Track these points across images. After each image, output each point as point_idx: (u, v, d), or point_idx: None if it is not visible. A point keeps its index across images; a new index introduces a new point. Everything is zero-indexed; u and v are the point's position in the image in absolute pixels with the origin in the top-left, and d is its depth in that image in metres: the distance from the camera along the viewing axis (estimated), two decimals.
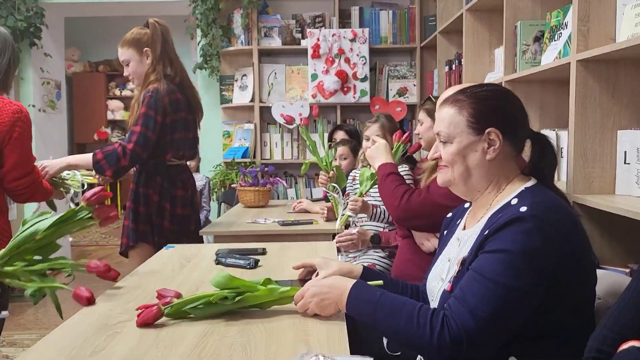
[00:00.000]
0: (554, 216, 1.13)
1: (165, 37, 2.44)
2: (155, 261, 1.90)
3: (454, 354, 1.08)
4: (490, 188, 1.27)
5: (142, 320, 1.23)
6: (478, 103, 1.25)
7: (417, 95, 4.38)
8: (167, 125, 2.38)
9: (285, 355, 1.07)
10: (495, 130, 1.23)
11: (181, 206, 2.46)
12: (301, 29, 4.42)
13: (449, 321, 1.09)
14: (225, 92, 4.50)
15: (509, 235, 1.11)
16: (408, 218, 1.96)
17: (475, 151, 1.25)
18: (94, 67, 7.95)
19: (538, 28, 2.26)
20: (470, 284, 1.12)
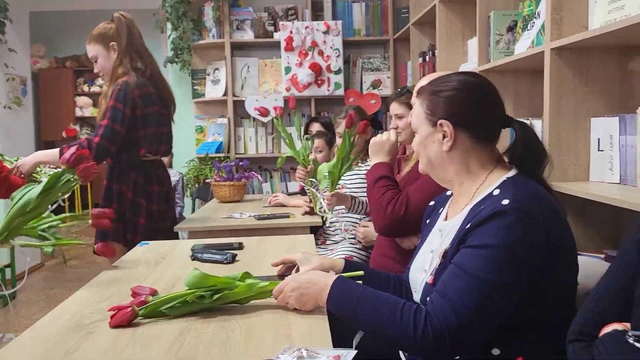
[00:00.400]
0: (536, 208, 1.12)
1: (131, 30, 2.40)
2: (129, 259, 1.85)
3: (437, 350, 1.08)
4: (462, 177, 1.26)
5: (115, 323, 1.19)
6: (433, 95, 1.27)
7: (391, 87, 4.38)
8: (138, 119, 2.33)
9: (267, 350, 1.04)
10: (446, 122, 1.23)
11: (157, 202, 2.42)
12: (274, 22, 4.38)
13: (431, 318, 1.08)
14: (197, 86, 4.43)
15: (491, 230, 1.10)
16: (392, 231, 1.93)
17: (433, 142, 1.27)
18: (61, 63, 7.75)
19: (511, 18, 2.27)
20: (452, 279, 1.11)
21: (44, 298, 4.07)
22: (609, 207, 1.43)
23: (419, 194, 1.83)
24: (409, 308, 1.12)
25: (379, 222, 1.92)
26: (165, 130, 2.48)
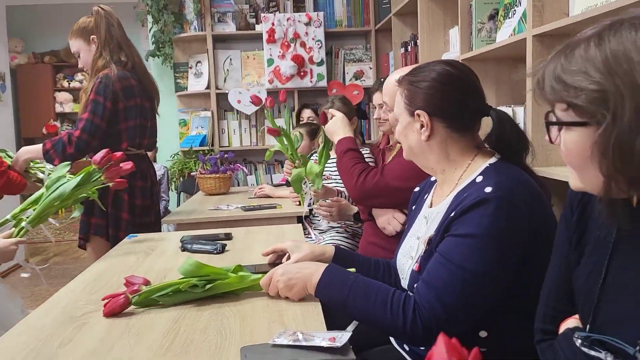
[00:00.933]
0: (518, 195, 1.14)
1: (110, 22, 2.37)
2: (118, 251, 1.84)
3: (425, 340, 1.11)
4: (443, 165, 1.28)
5: (109, 310, 1.19)
6: (410, 85, 1.29)
7: (373, 78, 4.39)
8: (120, 112, 2.31)
9: (261, 335, 1.05)
10: (422, 112, 1.26)
11: (141, 197, 2.40)
12: (255, 14, 4.36)
13: (419, 308, 1.11)
14: (179, 79, 4.40)
15: (475, 219, 1.12)
16: (364, 198, 1.97)
17: (413, 131, 1.29)
18: (39, 58, 7.63)
19: (492, 6, 2.29)
20: (438, 269, 1.13)
21: (29, 295, 4.03)
22: None
23: (396, 166, 1.87)
24: (399, 298, 1.14)
25: (352, 190, 1.96)
26: (148, 123, 2.46)
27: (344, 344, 0.93)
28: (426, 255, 1.22)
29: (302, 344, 0.94)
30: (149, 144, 2.50)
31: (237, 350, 0.98)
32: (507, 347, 1.18)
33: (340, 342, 0.92)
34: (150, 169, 2.51)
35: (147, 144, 2.48)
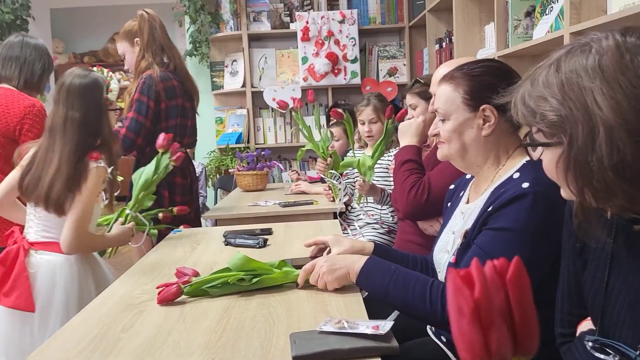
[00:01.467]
0: (556, 190, 1.16)
1: (153, 25, 2.45)
2: (165, 245, 1.93)
3: None
4: (489, 162, 1.30)
5: (162, 298, 1.28)
6: (472, 80, 1.27)
7: (407, 74, 4.41)
8: (162, 111, 2.40)
9: (307, 323, 1.11)
10: (489, 106, 1.25)
11: (180, 194, 2.48)
12: (290, 13, 4.43)
13: None
14: (216, 78, 4.51)
15: (512, 213, 1.14)
16: (414, 216, 1.97)
17: (471, 128, 1.27)
18: (79, 58, 7.87)
19: (529, 3, 2.30)
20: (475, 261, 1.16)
21: None
22: None
23: (441, 178, 1.86)
24: (437, 287, 1.18)
25: (402, 207, 1.97)
26: (189, 122, 2.54)
27: (387, 331, 0.98)
28: (462, 247, 1.25)
29: (348, 331, 0.99)
30: (189, 142, 2.59)
31: (286, 336, 1.05)
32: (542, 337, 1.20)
33: (384, 330, 0.98)
34: (190, 167, 2.59)
35: (187, 143, 2.56)
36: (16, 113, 2.12)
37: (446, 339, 1.34)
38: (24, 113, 2.13)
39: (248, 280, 1.32)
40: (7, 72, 2.23)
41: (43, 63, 2.29)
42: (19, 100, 2.15)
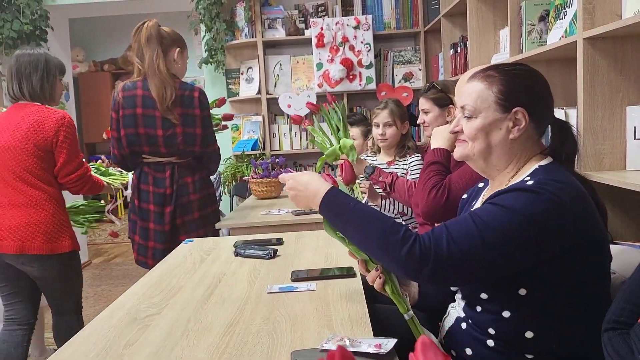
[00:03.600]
0: (562, 190, 1.13)
1: (138, 34, 2.40)
2: (176, 256, 1.94)
3: (416, 270, 1.09)
4: (509, 167, 1.28)
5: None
6: (509, 80, 1.24)
7: (422, 79, 4.38)
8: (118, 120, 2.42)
9: (311, 340, 1.10)
10: (522, 109, 1.22)
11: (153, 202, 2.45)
12: (304, 19, 4.43)
13: (422, 239, 1.10)
14: (231, 85, 4.52)
15: (514, 195, 1.12)
16: (433, 217, 1.96)
17: (500, 129, 1.23)
18: (99, 66, 7.98)
19: (543, 7, 2.26)
20: (462, 220, 1.14)
21: (92, 295, 4.24)
22: None
23: (461, 181, 1.86)
24: (400, 225, 1.14)
25: (422, 207, 1.96)
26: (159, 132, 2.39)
27: (390, 350, 0.96)
28: None
29: (349, 350, 0.98)
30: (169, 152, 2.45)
31: (288, 353, 1.04)
32: (553, 348, 1.18)
33: (386, 349, 0.96)
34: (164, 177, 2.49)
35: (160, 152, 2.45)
36: (51, 127, 2.24)
37: (456, 353, 1.32)
38: (57, 126, 2.25)
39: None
40: (13, 89, 2.32)
41: (41, 72, 2.31)
42: (49, 114, 2.27)
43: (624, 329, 0.96)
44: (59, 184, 2.33)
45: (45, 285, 2.35)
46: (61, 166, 2.27)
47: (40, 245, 2.22)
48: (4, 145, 2.25)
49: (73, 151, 2.30)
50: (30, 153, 2.23)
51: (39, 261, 2.25)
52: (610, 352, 0.97)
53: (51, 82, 2.34)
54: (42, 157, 2.26)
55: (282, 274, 1.60)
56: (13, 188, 2.24)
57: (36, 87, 2.30)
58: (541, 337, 1.16)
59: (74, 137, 2.31)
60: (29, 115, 2.26)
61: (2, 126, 2.29)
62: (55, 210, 2.28)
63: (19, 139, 2.23)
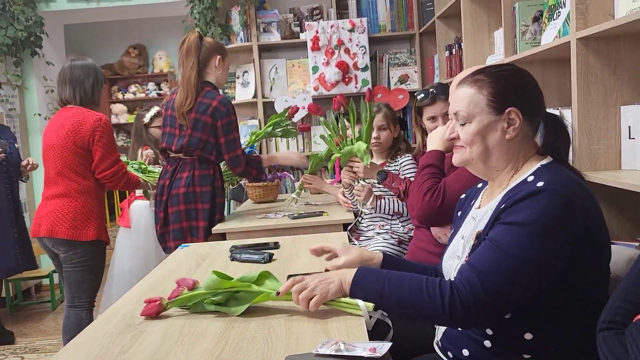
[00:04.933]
0: (573, 190, 1.14)
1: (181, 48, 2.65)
2: (172, 261, 1.93)
3: (465, 318, 1.11)
4: (508, 167, 1.28)
5: (145, 313, 1.32)
6: (498, 82, 1.25)
7: (418, 81, 4.38)
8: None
9: (306, 344, 1.10)
10: (515, 109, 1.23)
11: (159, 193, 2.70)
12: (299, 22, 4.43)
13: (457, 286, 1.11)
14: (227, 89, 4.52)
15: (526, 207, 1.12)
16: (427, 220, 1.96)
17: (495, 130, 1.24)
18: None
19: (536, 8, 2.27)
20: (483, 252, 1.14)
21: None
22: None
23: (456, 183, 1.86)
24: (433, 281, 1.15)
25: (416, 210, 1.96)
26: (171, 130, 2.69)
27: (385, 354, 0.96)
28: (474, 248, 1.22)
29: (344, 354, 0.97)
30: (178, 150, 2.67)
31: (283, 358, 1.03)
32: (552, 350, 1.17)
33: (380, 353, 0.95)
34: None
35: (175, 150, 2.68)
36: (88, 127, 2.54)
37: (452, 354, 1.32)
38: (94, 126, 2.55)
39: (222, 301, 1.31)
40: (65, 95, 2.62)
41: (92, 79, 2.64)
42: (88, 116, 2.57)
43: (619, 328, 0.96)
44: (96, 179, 2.62)
45: (68, 270, 2.61)
46: (97, 163, 2.57)
47: (66, 230, 2.54)
48: (50, 145, 2.60)
49: (108, 149, 2.59)
50: (70, 150, 2.54)
51: (65, 245, 2.57)
52: (606, 352, 0.96)
53: (99, 89, 2.68)
54: (82, 155, 2.56)
55: (278, 278, 1.59)
56: (54, 182, 2.58)
57: (88, 92, 2.62)
58: (540, 338, 1.16)
59: (109, 137, 2.60)
60: (70, 117, 2.56)
61: (50, 128, 2.64)
62: (86, 201, 2.59)
63: (61, 138, 2.55)
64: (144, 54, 7.80)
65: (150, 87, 8.01)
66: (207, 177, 2.64)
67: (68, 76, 2.61)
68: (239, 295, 1.32)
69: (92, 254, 2.62)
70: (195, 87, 2.57)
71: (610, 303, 1.02)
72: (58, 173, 2.57)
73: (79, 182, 2.57)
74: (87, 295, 2.64)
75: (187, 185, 2.60)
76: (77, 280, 2.60)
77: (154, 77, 8.01)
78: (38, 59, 4.55)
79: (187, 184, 2.61)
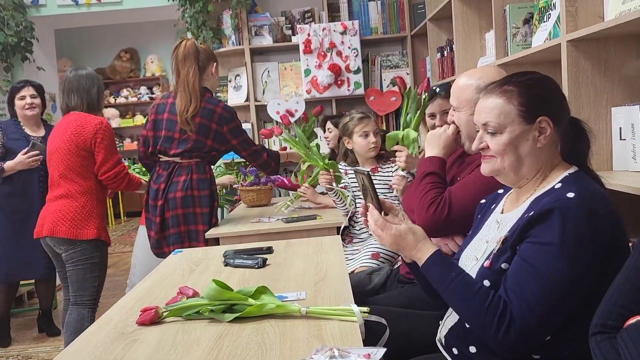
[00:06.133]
0: (599, 203, 1.16)
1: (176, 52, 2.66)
2: (165, 267, 1.92)
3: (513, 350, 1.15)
4: (538, 175, 1.29)
5: (140, 321, 1.32)
6: (527, 92, 1.26)
7: (410, 83, 4.39)
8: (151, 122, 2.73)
9: (300, 351, 1.09)
10: (545, 118, 1.24)
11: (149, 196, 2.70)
12: (291, 26, 4.43)
13: (513, 321, 1.13)
14: (219, 93, 4.51)
15: (556, 226, 1.13)
16: (433, 231, 1.87)
17: (527, 140, 1.25)
18: None
19: (527, 10, 2.28)
20: (526, 279, 1.15)
21: None
22: (635, 195, 1.45)
23: (463, 195, 1.75)
24: (497, 305, 1.15)
25: (419, 222, 1.84)
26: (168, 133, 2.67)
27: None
28: (499, 253, 1.24)
29: None
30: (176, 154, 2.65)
31: None
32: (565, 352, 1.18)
33: (375, 359, 0.95)
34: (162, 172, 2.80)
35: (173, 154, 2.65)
36: (89, 130, 2.65)
37: (458, 350, 1.31)
38: (95, 129, 2.66)
39: (218, 312, 1.31)
40: (73, 102, 2.75)
41: (97, 87, 2.80)
42: (89, 119, 2.69)
43: (612, 332, 0.96)
44: (97, 181, 2.71)
45: (70, 269, 2.67)
46: (100, 164, 2.67)
47: (66, 229, 2.61)
48: (53, 149, 2.71)
49: (110, 151, 2.68)
50: (73, 153, 2.65)
51: (66, 244, 2.63)
52: (598, 356, 0.96)
53: (102, 96, 2.85)
54: (84, 157, 2.66)
55: (272, 283, 1.59)
56: (57, 185, 2.68)
57: (94, 99, 2.76)
58: (556, 341, 1.18)
59: (110, 140, 2.71)
60: (73, 121, 2.68)
61: (54, 134, 2.76)
62: (87, 202, 2.67)
63: (64, 141, 2.66)
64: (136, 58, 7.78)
65: (142, 90, 7.99)
66: (205, 180, 2.64)
67: (75, 85, 2.75)
68: (235, 307, 1.32)
69: (93, 252, 2.67)
70: (200, 93, 2.60)
71: (602, 307, 1.03)
72: (61, 175, 2.67)
73: (81, 183, 2.66)
74: (89, 293, 2.69)
75: (185, 189, 2.60)
76: (79, 278, 2.66)
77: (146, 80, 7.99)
78: (28, 64, 4.52)
79: (184, 187, 2.60)
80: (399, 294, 1.92)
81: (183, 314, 1.34)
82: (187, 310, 1.33)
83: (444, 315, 1.40)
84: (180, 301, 1.37)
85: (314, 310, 1.28)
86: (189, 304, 1.33)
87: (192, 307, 1.33)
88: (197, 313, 1.33)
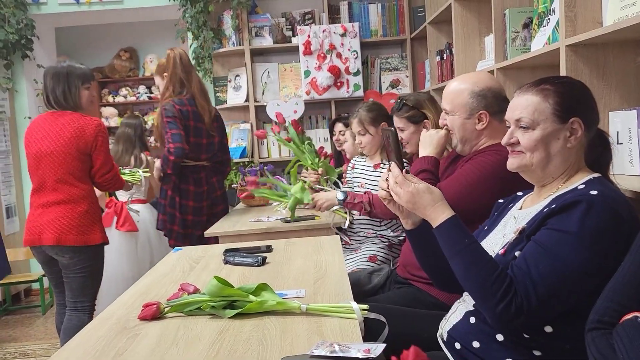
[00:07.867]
0: (622, 206, 1.18)
1: (176, 62, 2.95)
2: (165, 264, 1.93)
3: (509, 323, 1.16)
4: (562, 175, 1.32)
5: (142, 316, 1.34)
6: (564, 92, 1.29)
7: (409, 86, 4.42)
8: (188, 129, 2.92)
9: (301, 346, 1.11)
10: (578, 119, 1.27)
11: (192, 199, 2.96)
12: (291, 27, 4.45)
13: (516, 298, 1.15)
14: (219, 93, 4.53)
15: (575, 217, 1.15)
16: None
17: (558, 139, 1.28)
18: None
19: (526, 15, 2.30)
20: (536, 259, 1.17)
21: None
22: (631, 200, 1.47)
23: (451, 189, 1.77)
24: (503, 280, 1.17)
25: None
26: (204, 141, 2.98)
27: (379, 355, 0.97)
28: (515, 242, 1.26)
29: (339, 355, 0.98)
30: (206, 158, 3.01)
31: None
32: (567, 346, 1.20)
33: (375, 354, 0.97)
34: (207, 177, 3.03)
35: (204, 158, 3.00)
36: (91, 133, 2.56)
37: (461, 345, 1.32)
38: (96, 132, 2.57)
39: (219, 308, 1.33)
40: (45, 100, 2.64)
41: (62, 86, 2.58)
42: (89, 122, 2.58)
43: (608, 328, 0.98)
44: (92, 183, 2.67)
45: (71, 275, 2.61)
46: (99, 167, 2.61)
47: (74, 237, 2.53)
48: (45, 151, 2.54)
49: (108, 154, 2.66)
50: (73, 157, 2.54)
51: (71, 252, 2.55)
52: (594, 352, 0.98)
53: (73, 93, 2.60)
54: (83, 160, 2.58)
55: (272, 281, 1.60)
56: (54, 189, 2.55)
57: (60, 98, 2.58)
58: (558, 336, 1.19)
59: (108, 142, 2.69)
60: (69, 123, 2.55)
61: (42, 134, 2.56)
62: (89, 206, 2.61)
63: (62, 145, 2.53)
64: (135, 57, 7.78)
65: (141, 90, 7.99)
66: (222, 180, 3.14)
67: (44, 83, 2.63)
68: (236, 304, 1.33)
69: (95, 258, 2.65)
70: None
71: (599, 303, 1.05)
72: (58, 180, 2.54)
73: (80, 187, 2.58)
74: (89, 299, 2.67)
75: (220, 188, 3.06)
76: (80, 285, 2.61)
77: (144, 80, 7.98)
78: (29, 62, 4.53)
79: (219, 187, 3.04)
80: (396, 295, 1.94)
81: (184, 309, 1.35)
82: (188, 306, 1.35)
83: (443, 315, 1.42)
84: (181, 297, 1.38)
85: (314, 307, 1.29)
86: (191, 300, 1.35)
87: (194, 303, 1.34)
88: (199, 309, 1.34)
